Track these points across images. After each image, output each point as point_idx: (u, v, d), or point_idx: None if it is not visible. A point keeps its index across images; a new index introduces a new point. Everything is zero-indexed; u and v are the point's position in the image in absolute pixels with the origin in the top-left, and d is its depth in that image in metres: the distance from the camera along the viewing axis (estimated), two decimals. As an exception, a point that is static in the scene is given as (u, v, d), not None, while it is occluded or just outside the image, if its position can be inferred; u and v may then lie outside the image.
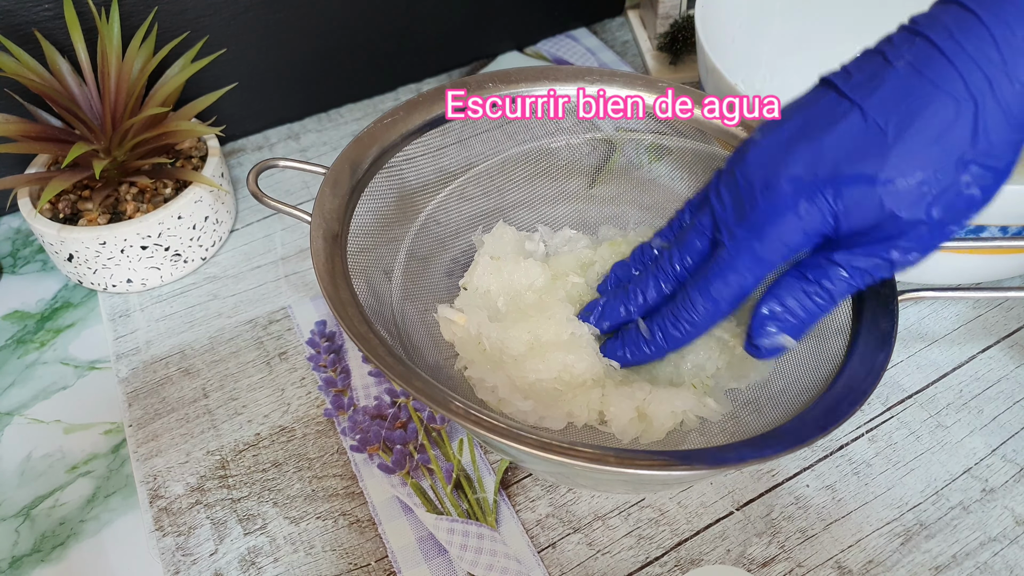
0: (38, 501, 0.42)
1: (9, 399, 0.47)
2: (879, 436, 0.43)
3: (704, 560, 0.39)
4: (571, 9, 0.71)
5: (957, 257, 0.45)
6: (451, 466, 0.42)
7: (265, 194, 0.40)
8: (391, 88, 0.66)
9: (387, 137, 0.42)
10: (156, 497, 0.42)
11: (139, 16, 0.52)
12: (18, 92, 0.50)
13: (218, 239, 0.53)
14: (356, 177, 0.40)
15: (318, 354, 0.48)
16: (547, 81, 0.45)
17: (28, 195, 0.50)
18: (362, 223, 0.40)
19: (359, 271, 0.38)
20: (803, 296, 0.33)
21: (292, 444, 0.44)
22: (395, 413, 0.44)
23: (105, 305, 0.51)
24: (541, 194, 0.48)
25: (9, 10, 0.49)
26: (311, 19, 0.58)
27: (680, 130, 0.45)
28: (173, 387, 0.46)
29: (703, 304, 0.35)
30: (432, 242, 0.45)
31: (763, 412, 0.37)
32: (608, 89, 0.45)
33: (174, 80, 0.51)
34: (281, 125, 0.64)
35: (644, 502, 0.41)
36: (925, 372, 0.46)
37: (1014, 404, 0.44)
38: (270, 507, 0.41)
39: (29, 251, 0.55)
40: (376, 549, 0.39)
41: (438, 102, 0.44)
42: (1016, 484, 0.41)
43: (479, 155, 0.46)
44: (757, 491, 0.41)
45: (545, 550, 0.39)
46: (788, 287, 0.34)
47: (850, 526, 0.39)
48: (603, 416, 0.39)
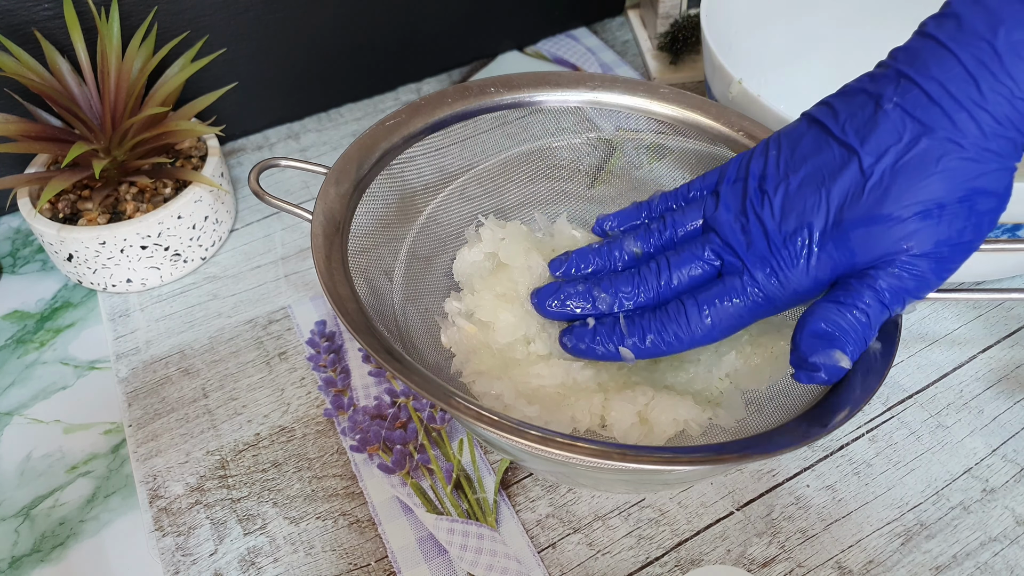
0: (38, 501, 0.42)
1: (9, 399, 0.47)
2: (879, 436, 0.43)
3: (704, 560, 0.39)
4: (571, 9, 0.71)
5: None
6: (451, 466, 0.42)
7: (266, 192, 0.40)
8: (391, 88, 0.66)
9: (389, 138, 0.42)
10: (156, 497, 0.42)
11: (139, 16, 0.52)
12: (18, 92, 0.50)
13: (218, 239, 0.53)
14: (359, 175, 0.40)
15: (318, 354, 0.48)
16: (549, 86, 0.45)
17: (28, 195, 0.50)
18: (363, 223, 0.40)
19: (359, 271, 0.38)
20: (843, 316, 0.33)
21: (292, 444, 0.44)
22: (395, 413, 0.44)
23: (105, 305, 0.51)
24: (541, 194, 0.48)
25: (9, 10, 0.49)
26: (311, 19, 0.58)
27: (680, 130, 0.45)
28: (173, 387, 0.46)
29: (700, 326, 0.35)
30: (433, 242, 0.45)
31: (764, 412, 0.37)
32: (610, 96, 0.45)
33: (174, 80, 0.51)
34: (281, 125, 0.64)
35: (644, 502, 0.41)
36: (926, 372, 0.46)
37: (1014, 404, 0.44)
38: (270, 507, 0.41)
39: (29, 251, 0.55)
40: (376, 549, 0.39)
41: (440, 106, 0.44)
42: (1016, 484, 0.41)
43: (479, 155, 0.46)
44: (757, 491, 0.41)
45: (545, 550, 0.39)
46: (825, 310, 0.33)
47: (850, 526, 0.39)
48: (604, 420, 0.39)
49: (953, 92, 0.30)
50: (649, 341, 0.36)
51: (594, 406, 0.38)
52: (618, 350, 0.37)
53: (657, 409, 0.37)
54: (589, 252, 0.40)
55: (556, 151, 0.47)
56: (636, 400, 0.38)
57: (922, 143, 0.30)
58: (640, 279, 0.38)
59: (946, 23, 0.30)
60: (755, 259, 0.34)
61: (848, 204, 0.32)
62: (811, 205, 0.33)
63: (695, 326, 0.35)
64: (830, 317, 0.33)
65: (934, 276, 0.32)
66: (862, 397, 0.32)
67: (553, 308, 0.39)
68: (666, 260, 0.37)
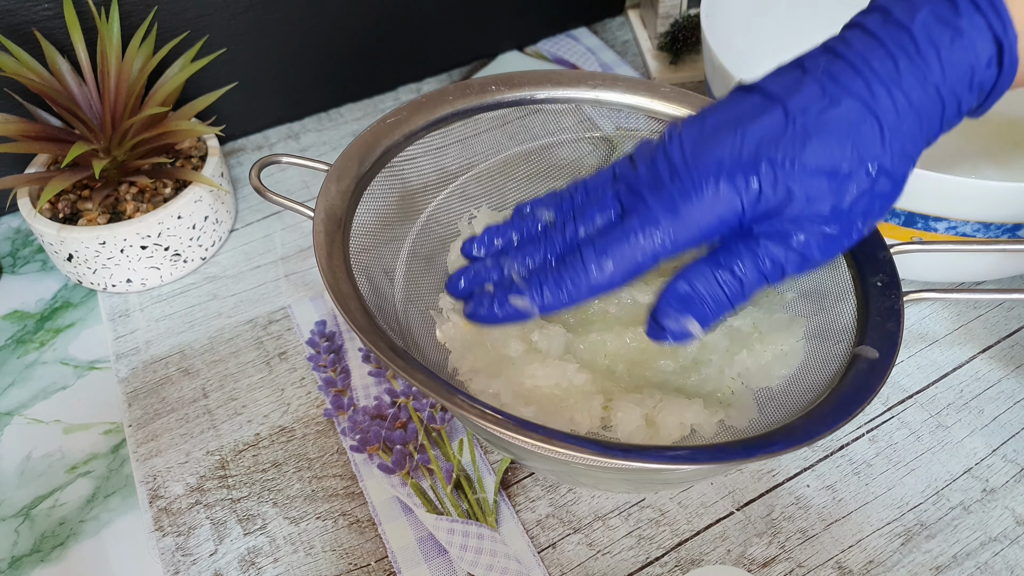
0: (38, 501, 0.42)
1: (9, 399, 0.47)
2: (880, 436, 0.43)
3: (704, 560, 0.39)
4: (571, 9, 0.71)
5: (958, 257, 0.45)
6: (451, 466, 0.42)
7: (268, 189, 0.40)
8: (391, 88, 0.66)
9: (391, 135, 0.42)
10: (156, 497, 0.42)
11: (139, 16, 0.52)
12: (18, 92, 0.50)
13: (218, 239, 0.53)
14: (360, 172, 0.40)
15: (318, 354, 0.48)
16: (550, 85, 0.45)
17: (28, 195, 0.50)
18: (364, 222, 0.40)
19: (361, 269, 0.38)
20: (713, 282, 0.33)
21: (292, 444, 0.44)
22: (395, 413, 0.44)
23: (105, 305, 0.51)
24: (542, 193, 0.48)
25: (9, 10, 0.49)
26: (311, 19, 0.58)
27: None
28: (173, 387, 0.46)
29: (596, 267, 0.34)
30: (434, 242, 0.45)
31: (765, 412, 0.37)
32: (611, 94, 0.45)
33: (174, 80, 0.51)
34: (281, 125, 0.64)
35: (644, 502, 0.41)
36: (926, 372, 0.46)
37: (1015, 404, 0.44)
38: (270, 507, 0.41)
39: (29, 251, 0.55)
40: (376, 549, 0.39)
41: (441, 103, 0.44)
42: (1016, 484, 0.41)
43: (480, 154, 0.46)
44: (757, 491, 0.41)
45: (545, 550, 0.39)
46: (698, 272, 0.33)
47: (850, 526, 0.39)
48: (606, 423, 0.38)
49: (875, 67, 0.31)
50: (547, 293, 0.35)
51: (593, 408, 0.38)
52: (516, 308, 0.36)
53: (664, 412, 0.37)
54: (500, 226, 0.40)
55: (557, 150, 0.47)
56: (644, 403, 0.37)
57: (844, 103, 0.31)
58: (547, 239, 0.37)
59: (872, 15, 0.32)
60: (656, 192, 0.33)
61: (764, 144, 0.32)
62: (724, 140, 0.32)
63: (591, 269, 0.34)
64: (698, 280, 0.33)
65: (818, 252, 0.32)
66: (863, 397, 0.32)
67: (463, 287, 0.38)
68: (572, 214, 0.36)
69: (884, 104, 0.31)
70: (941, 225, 0.43)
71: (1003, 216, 0.41)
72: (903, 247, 0.39)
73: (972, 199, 0.41)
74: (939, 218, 0.42)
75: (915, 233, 0.44)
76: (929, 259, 0.45)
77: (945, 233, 0.43)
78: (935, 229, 0.43)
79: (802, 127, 0.31)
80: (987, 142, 0.56)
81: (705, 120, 0.34)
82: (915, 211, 0.42)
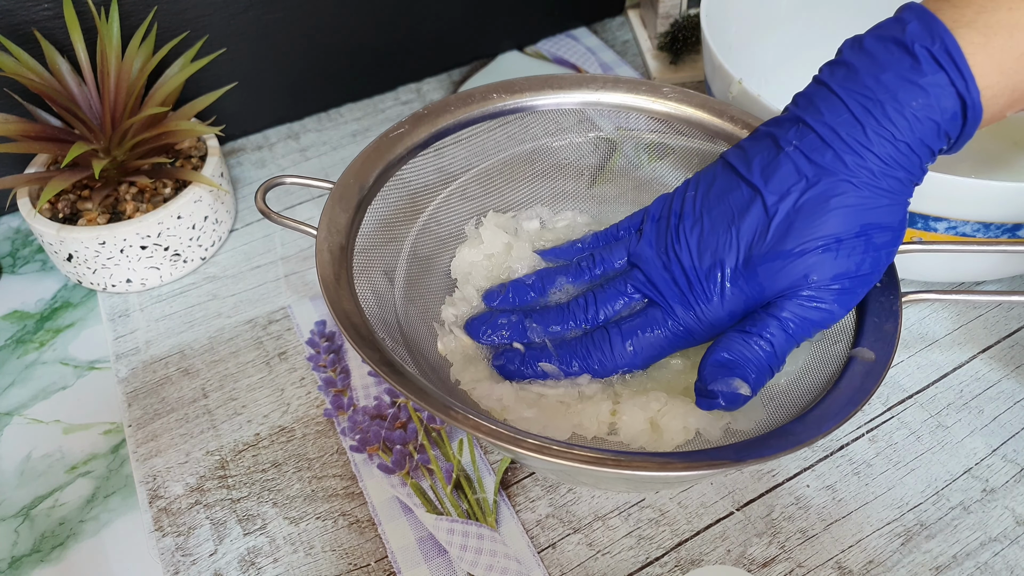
0: (38, 501, 0.42)
1: (9, 399, 0.47)
2: (879, 436, 0.43)
3: (704, 560, 0.39)
4: (571, 9, 0.71)
5: (958, 257, 0.45)
6: (451, 466, 0.42)
7: (272, 211, 0.40)
8: (391, 88, 0.66)
9: (394, 150, 0.42)
10: (156, 497, 0.42)
11: (139, 16, 0.52)
12: (18, 92, 0.50)
13: (218, 239, 0.53)
14: (362, 193, 0.41)
15: (318, 354, 0.48)
16: (551, 90, 0.45)
17: (28, 195, 0.50)
18: (365, 225, 0.40)
19: (361, 271, 0.38)
20: (747, 348, 0.35)
21: (292, 444, 0.44)
22: (395, 413, 0.44)
23: (105, 305, 0.51)
24: (542, 193, 0.48)
25: (9, 10, 0.49)
26: (311, 18, 0.58)
27: (681, 129, 0.45)
28: (173, 387, 0.46)
29: (622, 354, 0.38)
30: (434, 242, 0.45)
31: (765, 412, 0.37)
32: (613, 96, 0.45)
33: (174, 80, 0.51)
34: (281, 125, 0.64)
35: (644, 502, 0.41)
36: (925, 372, 0.46)
37: (1014, 404, 0.44)
38: (270, 507, 0.41)
39: (28, 251, 0.55)
40: (376, 549, 0.39)
41: (443, 114, 0.44)
42: (1016, 484, 0.41)
43: (479, 155, 0.46)
44: (757, 491, 0.41)
45: (545, 550, 0.39)
46: (732, 341, 0.35)
47: (850, 526, 0.39)
48: (612, 427, 0.38)
49: (843, 136, 0.32)
50: (576, 365, 0.38)
51: (602, 414, 0.38)
52: (544, 371, 0.39)
53: (668, 415, 0.37)
54: (523, 286, 0.42)
55: (557, 150, 0.47)
56: (648, 406, 0.38)
57: (820, 184, 0.33)
58: (568, 313, 0.40)
59: (838, 70, 0.33)
60: (674, 295, 0.37)
61: (756, 241, 0.34)
62: (723, 243, 0.35)
63: (618, 354, 0.38)
64: (734, 347, 0.35)
65: (839, 307, 0.34)
66: (861, 397, 0.32)
67: (487, 336, 0.41)
68: (593, 296, 0.40)
69: (859, 171, 0.32)
70: (941, 225, 0.43)
71: (1003, 216, 0.41)
72: (903, 247, 0.39)
73: (972, 199, 0.41)
74: (939, 218, 0.42)
75: (915, 233, 0.44)
76: (929, 259, 0.45)
77: (945, 233, 0.43)
78: (935, 229, 0.43)
79: (784, 216, 0.34)
80: (987, 142, 0.56)
81: (704, 217, 0.36)
82: (915, 211, 0.42)
